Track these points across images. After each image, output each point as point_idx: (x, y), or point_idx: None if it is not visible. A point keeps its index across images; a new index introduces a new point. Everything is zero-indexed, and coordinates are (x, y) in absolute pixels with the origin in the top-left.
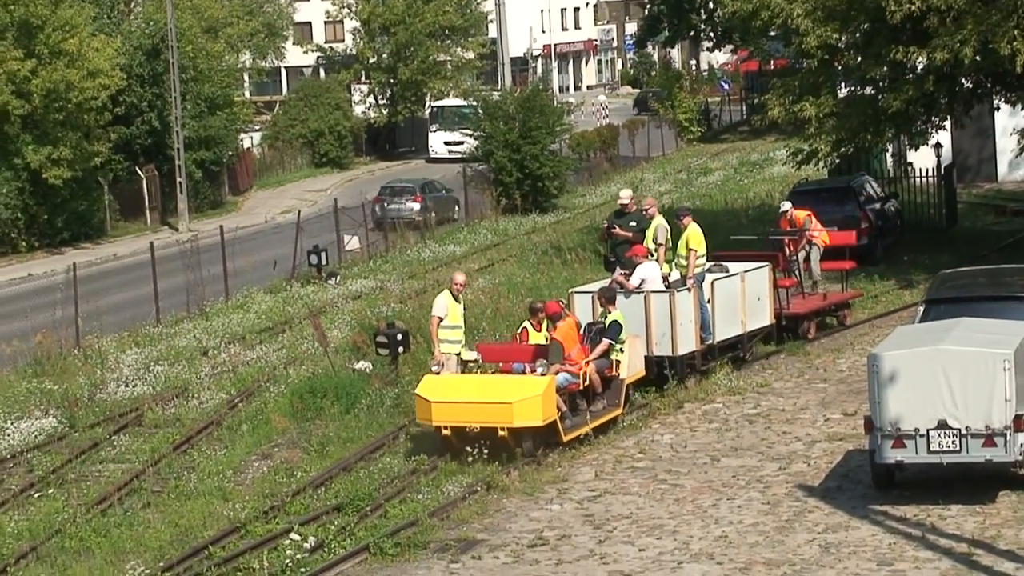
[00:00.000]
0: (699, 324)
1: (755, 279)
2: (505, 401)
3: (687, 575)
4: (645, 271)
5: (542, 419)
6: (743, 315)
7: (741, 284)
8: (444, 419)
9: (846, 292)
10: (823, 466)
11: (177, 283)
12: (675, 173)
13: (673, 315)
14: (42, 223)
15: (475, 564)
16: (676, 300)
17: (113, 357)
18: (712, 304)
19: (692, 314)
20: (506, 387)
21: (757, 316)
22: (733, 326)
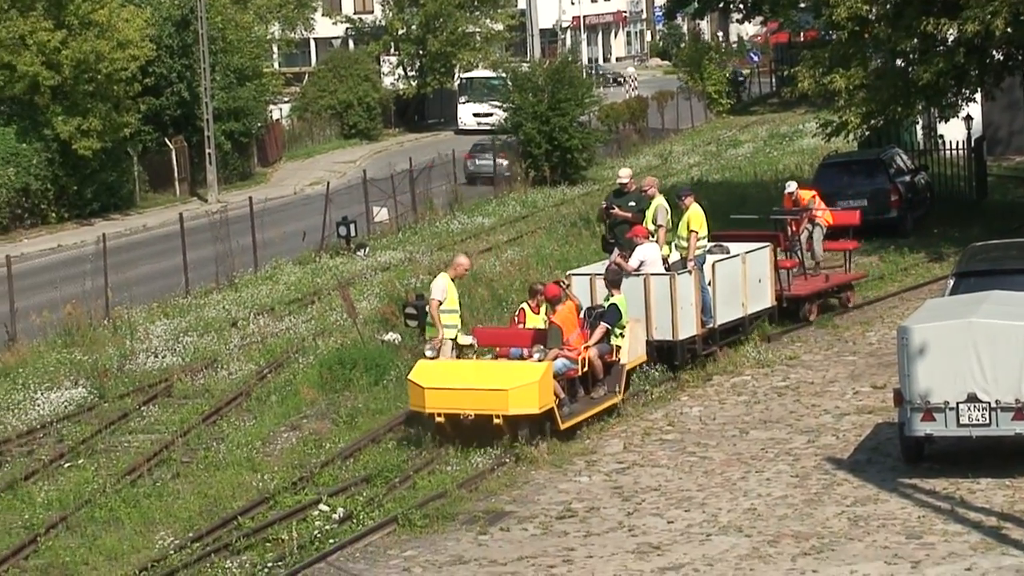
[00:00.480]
0: (700, 307)
1: (756, 260)
2: (500, 388)
3: (715, 547)
4: (644, 253)
5: (538, 407)
6: (744, 297)
7: (742, 266)
8: (437, 406)
9: (849, 273)
10: (852, 439)
11: (206, 254)
12: (704, 145)
13: (674, 298)
14: (72, 194)
15: (503, 536)
16: (677, 283)
17: (142, 328)
18: (713, 287)
19: (693, 297)
20: (501, 373)
21: (758, 298)
22: (734, 309)
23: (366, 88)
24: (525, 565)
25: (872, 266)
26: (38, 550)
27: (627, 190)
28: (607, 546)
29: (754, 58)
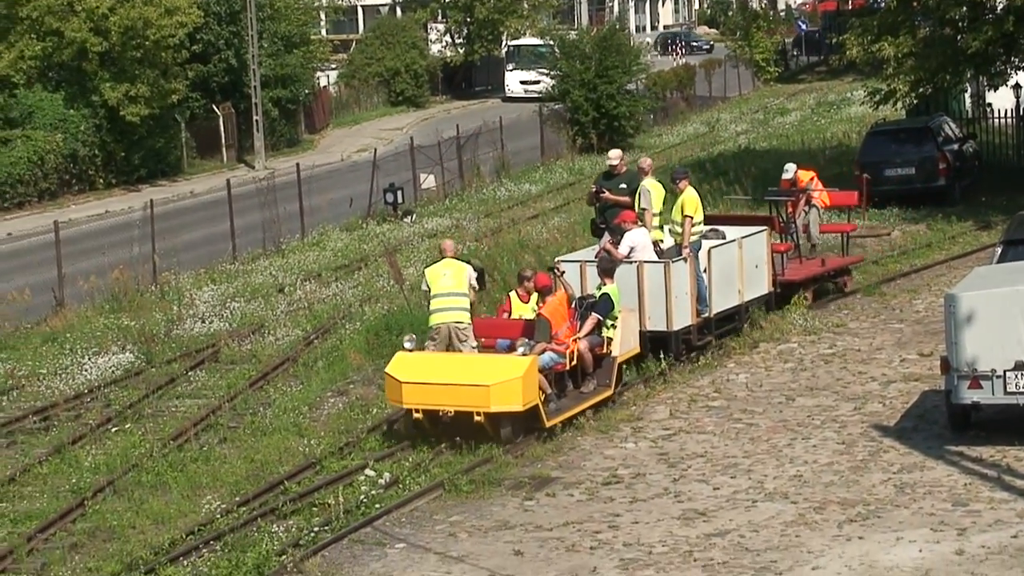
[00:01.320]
0: (695, 296)
1: (753, 245)
2: (482, 384)
3: (761, 514)
4: (634, 239)
5: (522, 404)
6: (740, 284)
7: (739, 251)
8: (416, 401)
9: (846, 257)
10: (899, 406)
11: (253, 220)
12: (751, 113)
13: (668, 287)
14: (119, 160)
15: (549, 501)
16: (671, 271)
17: (189, 294)
18: (708, 274)
19: (688, 286)
20: (484, 368)
21: (755, 285)
22: (730, 296)
23: (413, 55)
24: (571, 531)
25: (919, 234)
26: (85, 513)
27: (617, 172)
28: (653, 512)
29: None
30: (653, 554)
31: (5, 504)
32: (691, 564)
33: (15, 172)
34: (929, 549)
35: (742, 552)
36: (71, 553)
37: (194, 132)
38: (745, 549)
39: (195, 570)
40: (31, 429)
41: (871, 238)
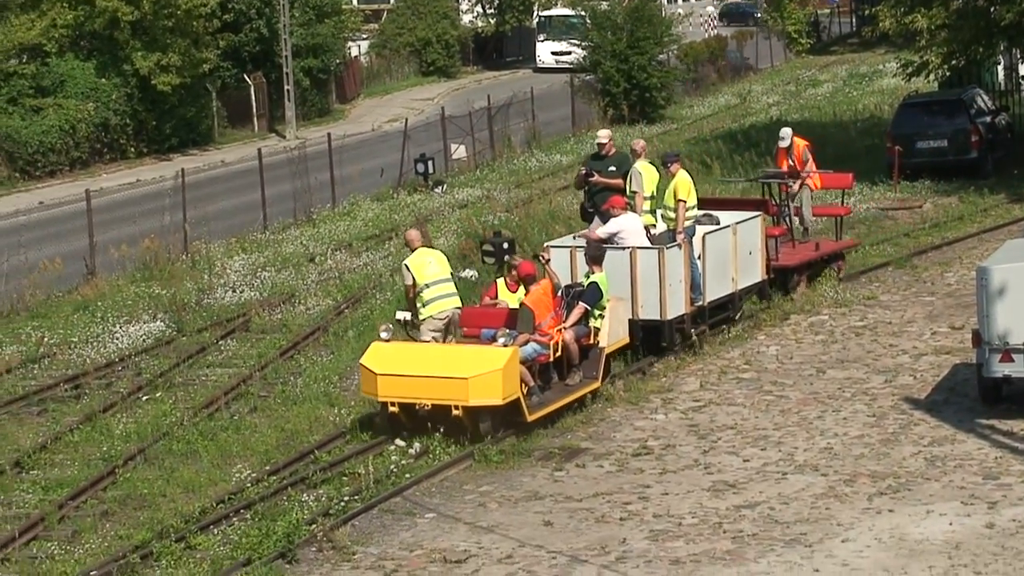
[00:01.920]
0: (689, 284)
1: (747, 231)
2: (460, 376)
3: (791, 486)
4: (622, 224)
5: (502, 397)
6: (734, 271)
7: (733, 237)
8: (391, 394)
9: (840, 241)
10: (929, 379)
11: (284, 190)
12: (783, 85)
13: (662, 275)
14: (151, 129)
15: (579, 472)
16: (665, 258)
17: (220, 263)
18: (703, 261)
19: (682, 273)
20: (462, 360)
21: (749, 272)
22: (724, 284)
23: (445, 26)
24: (600, 502)
25: (951, 207)
26: (116, 481)
27: (606, 153)
28: (683, 484)
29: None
30: (683, 525)
31: (36, 472)
32: (721, 536)
33: (47, 141)
34: (959, 522)
35: (772, 524)
36: (102, 521)
37: (225, 102)
38: (775, 521)
39: (225, 538)
40: (62, 397)
41: (903, 210)
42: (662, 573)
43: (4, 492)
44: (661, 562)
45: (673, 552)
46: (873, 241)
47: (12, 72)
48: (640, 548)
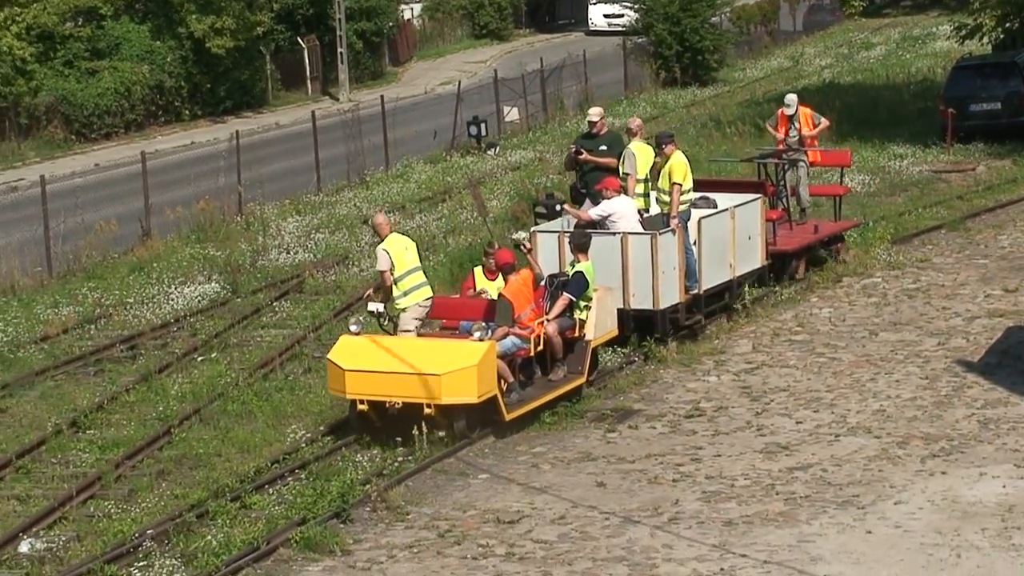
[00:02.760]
0: (684, 271)
1: (746, 215)
2: (432, 373)
3: (844, 448)
4: (614, 206)
5: (477, 395)
6: (732, 258)
7: (731, 221)
8: (360, 391)
9: (840, 222)
10: (982, 342)
11: (338, 152)
12: (836, 48)
13: (655, 262)
14: (205, 92)
15: (632, 433)
16: (658, 244)
17: (274, 224)
18: (699, 246)
19: (676, 260)
20: (436, 355)
21: (748, 258)
22: (721, 271)
23: None
24: (653, 463)
25: (1005, 169)
26: (172, 441)
27: (597, 132)
28: (735, 445)
29: None
30: (735, 487)
31: (93, 431)
32: (773, 497)
33: (102, 103)
34: (1013, 485)
35: (824, 486)
36: (158, 480)
37: (279, 64)
38: (827, 483)
39: (280, 498)
40: (118, 358)
41: (956, 173)
42: (715, 534)
43: (61, 451)
44: (714, 523)
45: (726, 513)
46: (926, 204)
47: (68, 35)
48: (693, 509)
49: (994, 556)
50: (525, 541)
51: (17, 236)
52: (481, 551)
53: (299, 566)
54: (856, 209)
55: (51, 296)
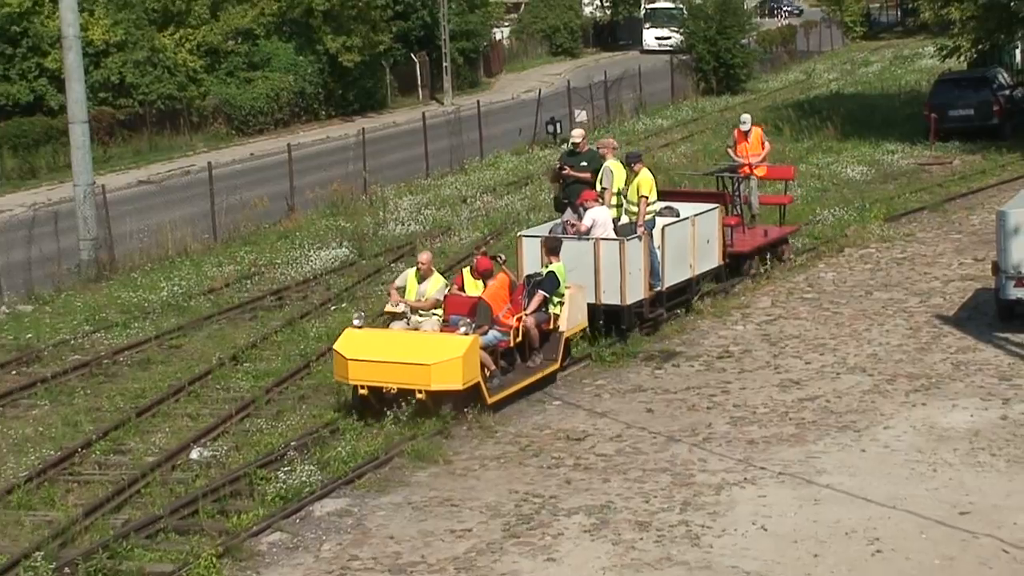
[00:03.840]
0: (648, 272)
1: (705, 222)
2: (423, 363)
3: (844, 384)
4: (595, 215)
5: (462, 383)
6: (692, 259)
7: (692, 228)
8: (360, 378)
9: (785, 227)
10: (956, 300)
11: (442, 145)
12: (841, 64)
13: (622, 264)
14: (337, 97)
15: (675, 371)
16: (626, 249)
17: (392, 202)
18: (662, 250)
19: (641, 262)
20: (426, 347)
21: (706, 258)
22: (682, 270)
23: (570, 16)
24: (691, 394)
25: (976, 163)
26: (311, 372)
27: (580, 150)
28: (757, 380)
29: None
30: (756, 413)
31: (248, 364)
32: (787, 422)
33: (256, 105)
34: (979, 415)
35: (828, 414)
36: (299, 403)
37: (396, 75)
38: (830, 411)
39: (396, 419)
40: (268, 306)
41: (936, 165)
42: (740, 451)
43: (224, 380)
44: (739, 442)
45: (749, 435)
46: (912, 190)
47: (230, 51)
48: (722, 431)
49: (963, 471)
50: (589, 454)
51: (189, 210)
52: (554, 462)
53: (410, 472)
54: (856, 194)
55: (216, 258)
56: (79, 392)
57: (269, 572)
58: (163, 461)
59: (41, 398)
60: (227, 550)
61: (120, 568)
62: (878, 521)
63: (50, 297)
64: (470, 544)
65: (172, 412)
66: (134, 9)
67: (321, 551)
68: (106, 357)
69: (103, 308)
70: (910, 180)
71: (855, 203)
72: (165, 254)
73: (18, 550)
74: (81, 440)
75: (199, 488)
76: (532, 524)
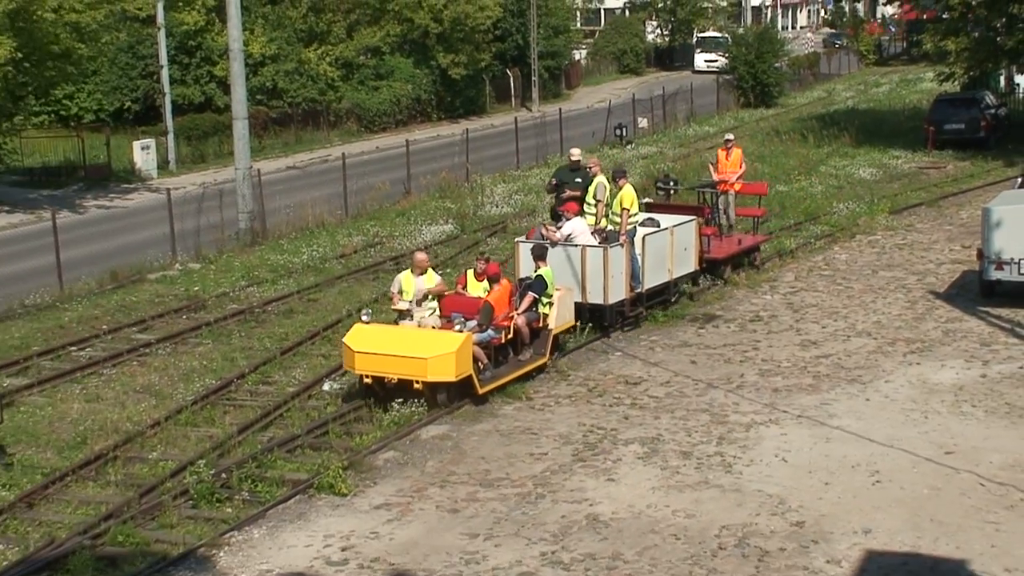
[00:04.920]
0: (630, 275)
1: (683, 232)
2: (420, 356)
3: (853, 345)
4: (573, 226)
5: (455, 375)
6: (671, 264)
7: (670, 237)
8: (365, 368)
9: (757, 236)
10: (947, 279)
11: (530, 144)
12: (856, 85)
13: (606, 268)
14: (446, 103)
15: (714, 330)
16: (609, 255)
17: (488, 188)
18: (643, 256)
19: (623, 266)
20: (424, 342)
21: (684, 264)
22: (661, 274)
23: (635, 41)
24: (728, 349)
25: (966, 168)
26: None
27: (576, 167)
28: (781, 340)
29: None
30: (780, 367)
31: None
32: (806, 375)
33: (381, 108)
34: (963, 373)
35: (839, 368)
36: None
37: (494, 86)
38: (841, 367)
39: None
40: (388, 269)
41: (933, 169)
42: (766, 396)
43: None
44: (765, 390)
45: (773, 384)
46: (912, 188)
47: (361, 64)
48: (752, 380)
49: (949, 418)
50: (643, 396)
51: (326, 191)
52: (615, 401)
53: (498, 406)
54: (866, 191)
55: (346, 229)
56: (235, 334)
57: (384, 483)
58: (301, 391)
59: (205, 338)
60: (350, 464)
61: (265, 475)
62: (878, 457)
63: (214, 257)
64: (545, 465)
65: (309, 352)
66: (286, 29)
67: (425, 467)
68: (257, 307)
69: (256, 267)
70: (911, 181)
71: (865, 198)
72: (306, 225)
73: (185, 458)
74: (236, 372)
75: (329, 413)
76: (596, 451)
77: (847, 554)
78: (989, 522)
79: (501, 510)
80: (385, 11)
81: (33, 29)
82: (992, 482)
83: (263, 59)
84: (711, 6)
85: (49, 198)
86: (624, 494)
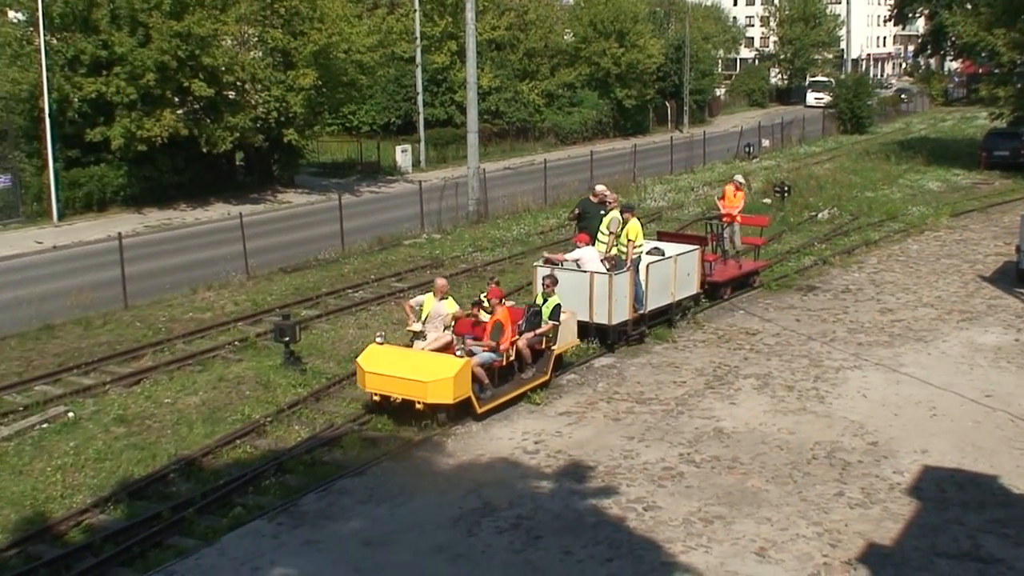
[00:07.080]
0: (633, 298)
1: (686, 260)
2: (421, 380)
3: (920, 313)
4: (582, 253)
5: (452, 398)
6: (673, 288)
7: (673, 265)
8: (374, 387)
9: (757, 262)
10: (992, 267)
11: (681, 156)
12: (927, 120)
13: (611, 292)
14: (620, 124)
15: (814, 298)
16: (614, 281)
17: (649, 187)
18: (646, 282)
19: (627, 291)
20: (426, 366)
21: (686, 288)
22: (664, 296)
23: (762, 82)
24: (824, 313)
25: (1010, 184)
26: None
27: (597, 200)
28: (865, 307)
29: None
30: (864, 327)
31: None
32: (883, 334)
33: (573, 128)
34: (1001, 336)
35: (908, 330)
36: None
37: (656, 113)
38: (910, 329)
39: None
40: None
41: (984, 185)
42: (852, 348)
43: None
44: (851, 343)
45: (858, 339)
46: (968, 198)
47: (559, 95)
48: (842, 336)
49: (989, 370)
50: (758, 343)
51: (530, 186)
52: (738, 346)
53: (651, 346)
54: (933, 198)
55: (545, 213)
56: (464, 286)
57: (566, 397)
58: None
59: None
60: (544, 384)
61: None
62: (935, 397)
63: (450, 230)
64: (684, 390)
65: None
66: (506, 68)
67: (597, 387)
68: (480, 267)
69: (479, 239)
70: (967, 192)
71: (932, 204)
72: (515, 210)
73: None
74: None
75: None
76: (722, 381)
77: (909, 467)
78: (1017, 448)
79: (651, 421)
80: (578, 57)
81: (330, 64)
82: (1020, 419)
83: (490, 90)
84: (820, 57)
85: (335, 185)
86: (742, 414)
